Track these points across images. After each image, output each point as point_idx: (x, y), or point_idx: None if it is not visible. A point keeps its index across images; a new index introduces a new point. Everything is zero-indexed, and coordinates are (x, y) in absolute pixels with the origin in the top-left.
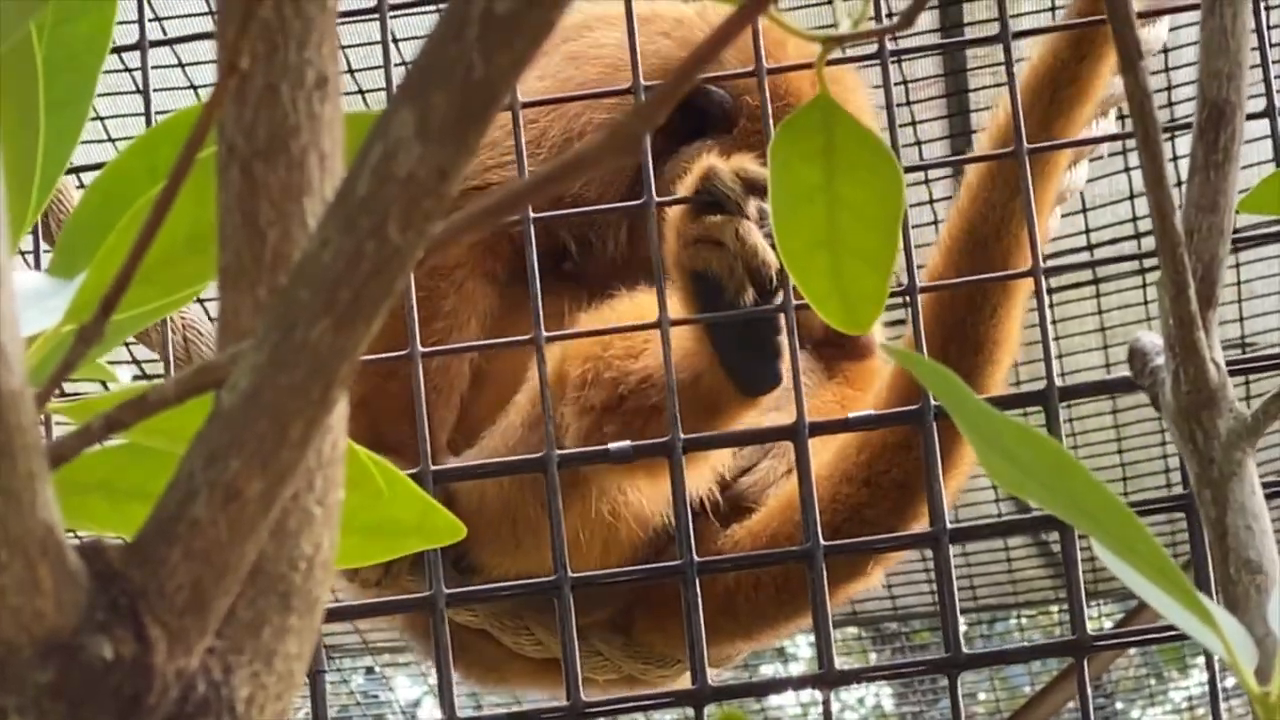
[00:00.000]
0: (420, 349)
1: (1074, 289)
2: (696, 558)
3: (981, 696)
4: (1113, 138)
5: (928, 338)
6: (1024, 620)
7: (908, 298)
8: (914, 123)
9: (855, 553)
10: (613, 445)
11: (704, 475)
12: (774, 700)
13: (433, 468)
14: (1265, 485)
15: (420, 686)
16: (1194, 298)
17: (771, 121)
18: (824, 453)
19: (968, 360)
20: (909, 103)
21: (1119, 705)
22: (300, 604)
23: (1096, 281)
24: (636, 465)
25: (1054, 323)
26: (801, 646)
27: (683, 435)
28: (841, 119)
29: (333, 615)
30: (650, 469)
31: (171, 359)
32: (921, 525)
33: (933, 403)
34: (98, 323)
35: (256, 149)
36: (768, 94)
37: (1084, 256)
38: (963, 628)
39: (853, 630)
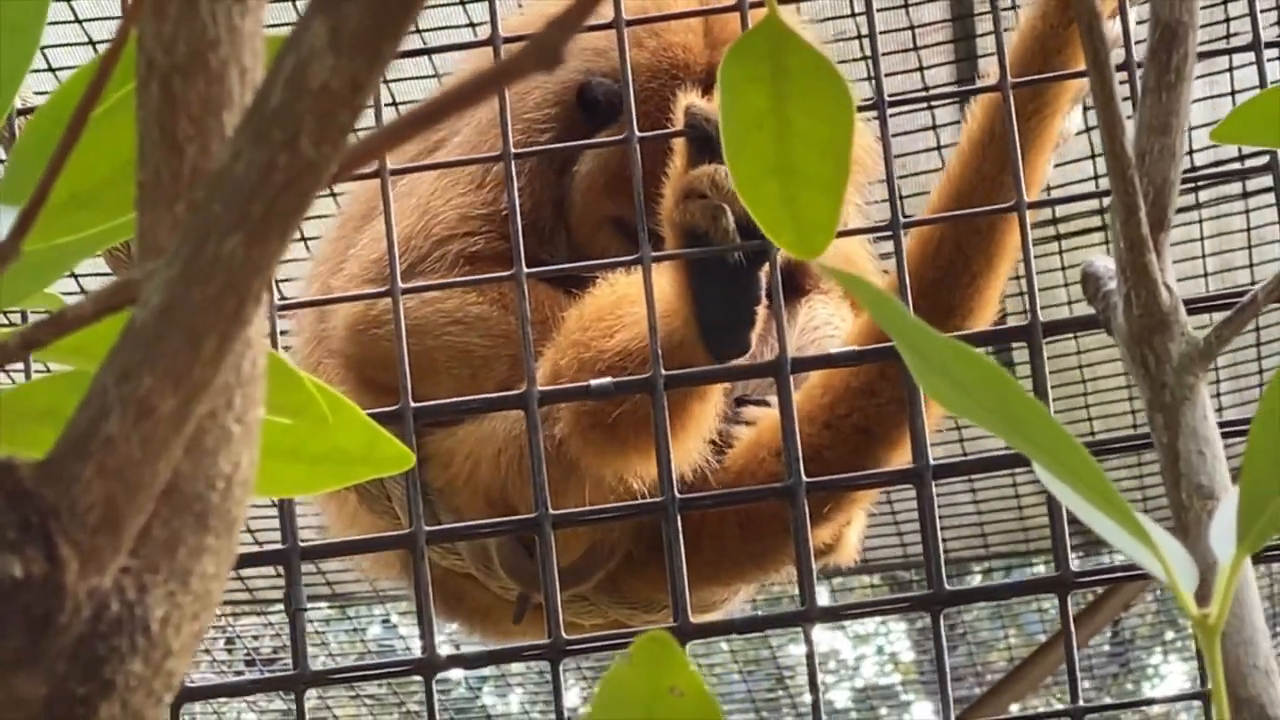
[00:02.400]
0: (400, 285)
1: (1083, 235)
2: (678, 495)
3: (999, 645)
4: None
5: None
6: (1042, 569)
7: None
8: (921, 69)
9: (834, 490)
10: (594, 382)
11: (695, 444)
12: (792, 651)
13: (412, 404)
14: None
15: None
16: (1145, 220)
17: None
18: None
19: (938, 323)
20: (916, 48)
21: (1137, 653)
22: (217, 523)
23: (1104, 228)
24: (630, 449)
25: (1064, 269)
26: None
27: (664, 372)
28: (792, 43)
29: (312, 553)
30: (642, 451)
31: None
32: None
33: None
34: (11, 244)
35: (176, 63)
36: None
37: (1095, 204)
38: (976, 578)
39: (866, 579)
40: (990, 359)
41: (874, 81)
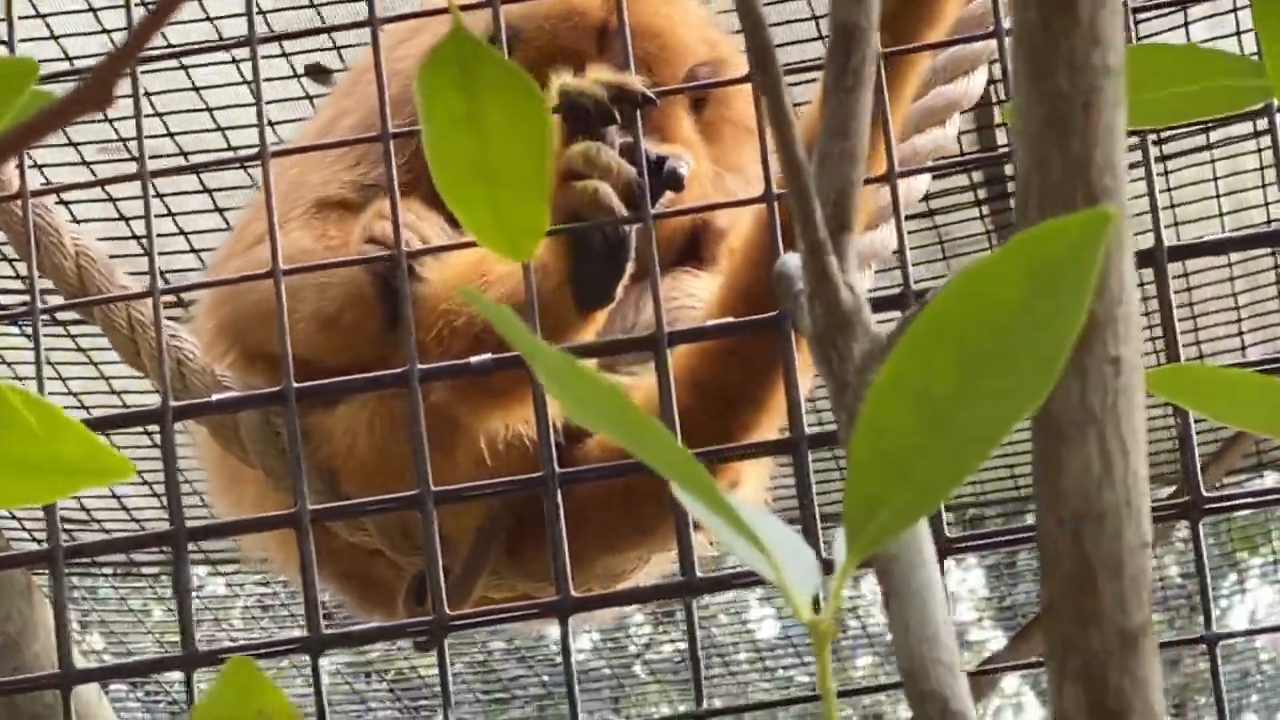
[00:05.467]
0: (281, 268)
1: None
2: (558, 469)
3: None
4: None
5: None
6: (1030, 518)
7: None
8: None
9: (709, 460)
10: (473, 359)
11: None
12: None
13: (295, 385)
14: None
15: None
16: (821, 224)
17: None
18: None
19: None
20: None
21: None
22: None
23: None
24: (508, 401)
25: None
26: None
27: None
28: (478, 49)
29: (200, 534)
30: (521, 399)
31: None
32: (752, 434)
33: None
34: None
35: None
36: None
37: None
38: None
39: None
40: (609, 383)
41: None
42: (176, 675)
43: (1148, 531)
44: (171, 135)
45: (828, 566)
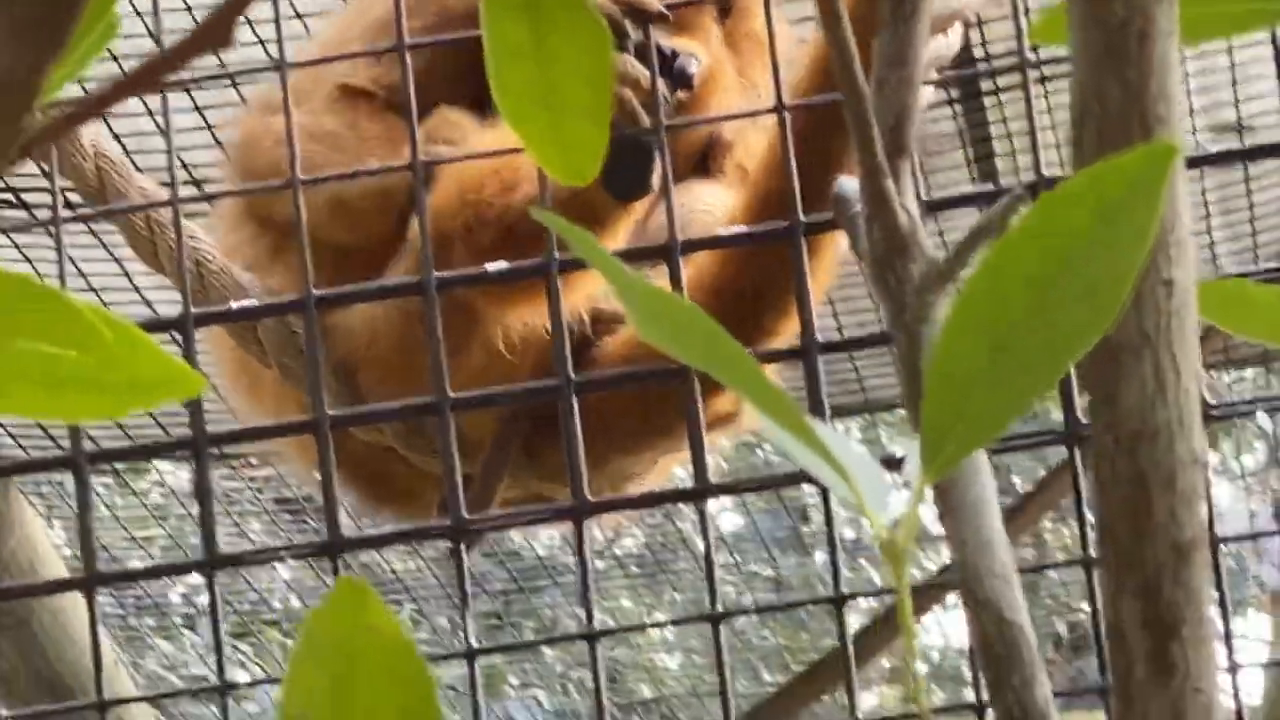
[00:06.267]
0: (300, 177)
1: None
2: (573, 375)
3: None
4: None
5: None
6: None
7: None
8: None
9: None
10: (490, 266)
11: (585, 295)
12: None
13: (315, 292)
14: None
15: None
16: (880, 149)
17: None
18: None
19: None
20: None
21: None
22: None
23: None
24: (531, 293)
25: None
26: None
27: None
28: None
29: (220, 440)
30: (536, 294)
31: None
32: (770, 341)
33: (803, 219)
34: None
35: None
36: None
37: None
38: None
39: (889, 415)
40: (695, 307)
41: None
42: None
43: (1200, 447)
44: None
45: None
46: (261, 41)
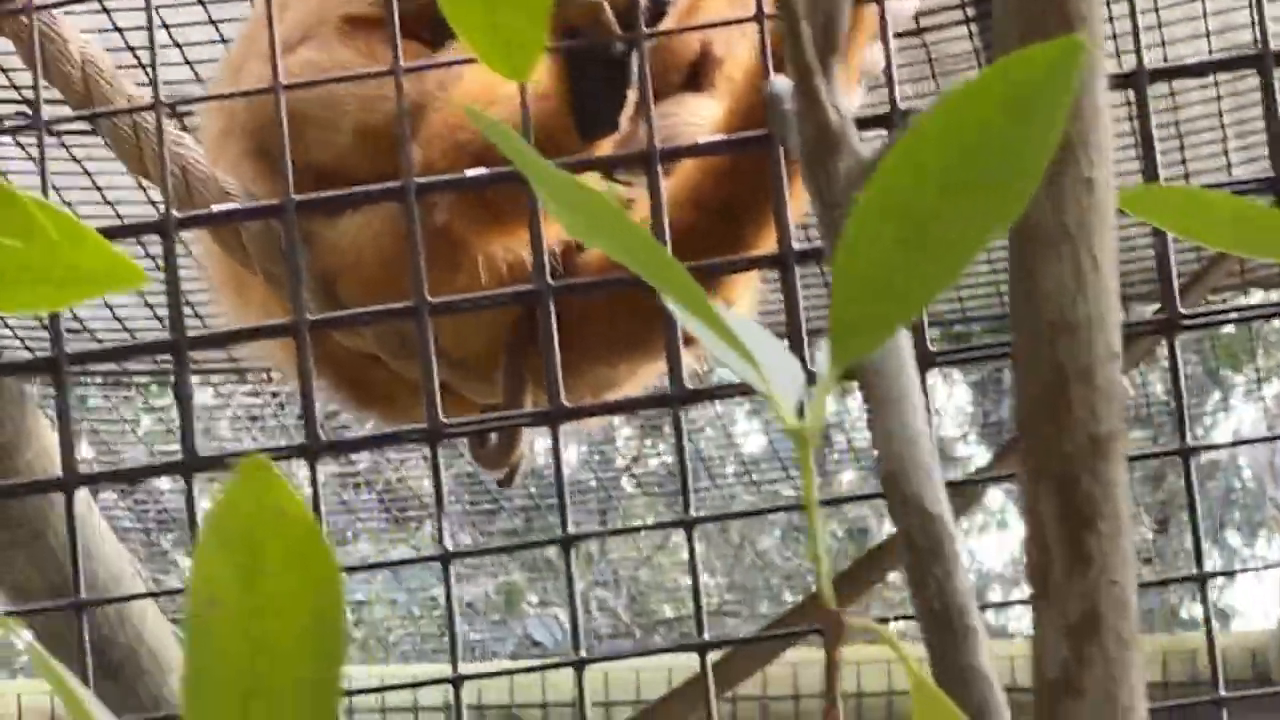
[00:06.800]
0: (282, 83)
1: None
2: (551, 282)
3: None
4: None
5: None
6: None
7: None
8: None
9: (699, 274)
10: (469, 172)
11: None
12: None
13: (295, 198)
14: None
15: None
16: (810, 47)
17: None
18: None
19: None
20: None
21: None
22: None
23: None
24: (506, 214)
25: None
26: None
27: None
28: None
29: (200, 343)
30: (518, 214)
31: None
32: (750, 250)
33: None
34: None
35: None
36: None
37: None
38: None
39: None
40: (600, 193)
41: None
42: (166, 484)
43: (1117, 343)
44: None
45: (814, 380)
46: None
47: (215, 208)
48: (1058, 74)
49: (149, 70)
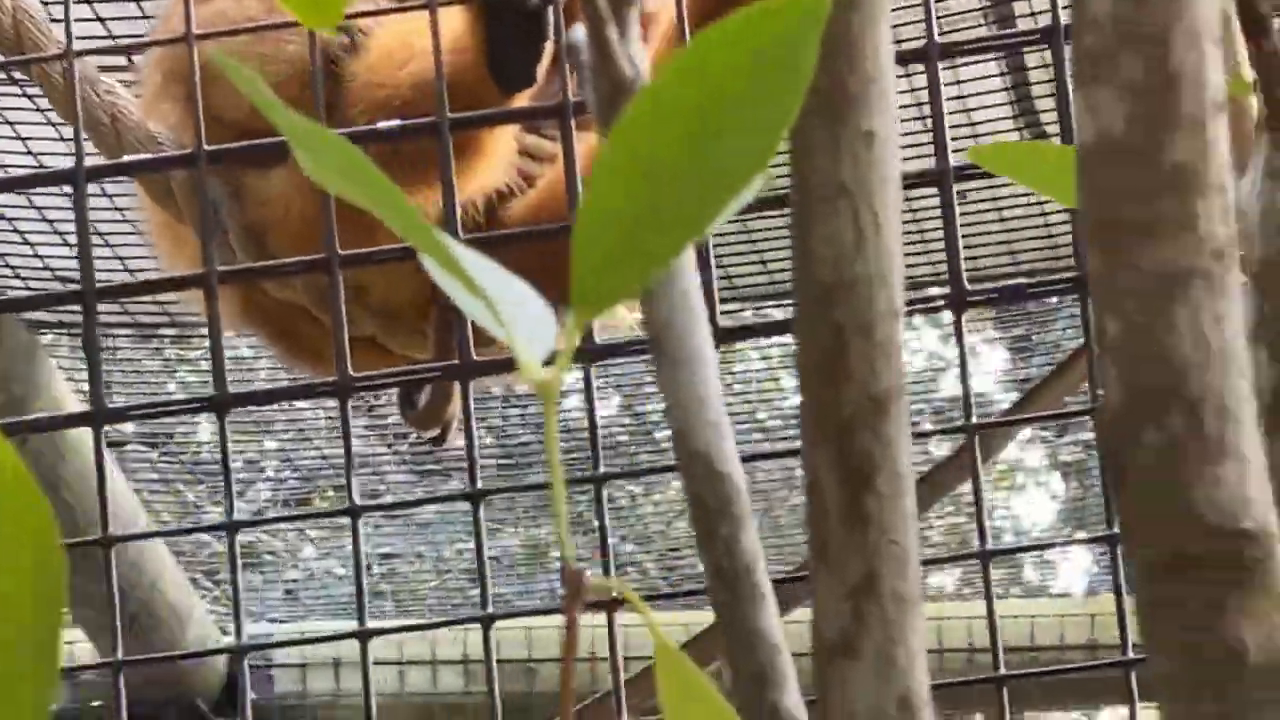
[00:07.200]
0: (195, 32)
1: None
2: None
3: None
4: None
5: None
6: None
7: None
8: None
9: None
10: (381, 124)
11: (490, 172)
12: None
13: (207, 147)
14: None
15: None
16: None
17: None
18: None
19: None
20: None
21: None
22: None
23: None
24: (423, 168)
25: None
26: None
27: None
28: None
29: (111, 293)
30: (433, 183)
31: None
32: None
33: None
34: None
35: None
36: None
37: None
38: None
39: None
40: (344, 140)
41: None
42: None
43: (899, 300)
44: None
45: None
46: None
47: (126, 158)
48: (804, 26)
49: (66, 12)
